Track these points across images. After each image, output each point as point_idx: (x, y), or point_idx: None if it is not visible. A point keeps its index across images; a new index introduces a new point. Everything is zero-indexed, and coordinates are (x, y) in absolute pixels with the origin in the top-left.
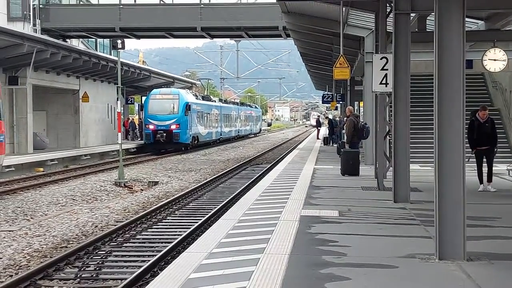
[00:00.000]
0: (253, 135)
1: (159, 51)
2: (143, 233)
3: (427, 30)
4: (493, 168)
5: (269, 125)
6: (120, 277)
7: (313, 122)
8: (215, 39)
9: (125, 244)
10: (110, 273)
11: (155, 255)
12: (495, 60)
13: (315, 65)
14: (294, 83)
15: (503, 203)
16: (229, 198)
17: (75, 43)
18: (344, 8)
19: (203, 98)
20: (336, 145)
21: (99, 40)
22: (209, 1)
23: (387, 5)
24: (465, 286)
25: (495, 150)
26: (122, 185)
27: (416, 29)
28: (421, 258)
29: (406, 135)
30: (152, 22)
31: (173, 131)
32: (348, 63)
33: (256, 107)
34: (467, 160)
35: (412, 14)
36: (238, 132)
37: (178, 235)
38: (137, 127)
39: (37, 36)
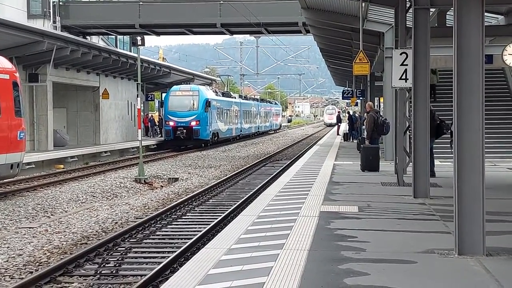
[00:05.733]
0: (273, 131)
1: (179, 47)
2: (163, 229)
3: (447, 25)
4: None
5: (289, 121)
6: (139, 273)
7: (327, 119)
8: (234, 36)
9: (145, 241)
10: (130, 269)
11: (175, 251)
12: None
13: (335, 61)
14: (314, 79)
15: None
16: (249, 194)
17: (95, 40)
18: (363, 4)
19: (223, 94)
20: (356, 141)
21: (119, 37)
22: None
23: (407, 0)
24: (484, 281)
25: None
26: (142, 181)
27: (436, 24)
28: (440, 253)
29: (426, 131)
30: (172, 19)
31: (193, 127)
32: (367, 59)
33: (276, 103)
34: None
35: (432, 9)
36: (258, 129)
37: (198, 231)
38: (157, 123)
39: (57, 33)
